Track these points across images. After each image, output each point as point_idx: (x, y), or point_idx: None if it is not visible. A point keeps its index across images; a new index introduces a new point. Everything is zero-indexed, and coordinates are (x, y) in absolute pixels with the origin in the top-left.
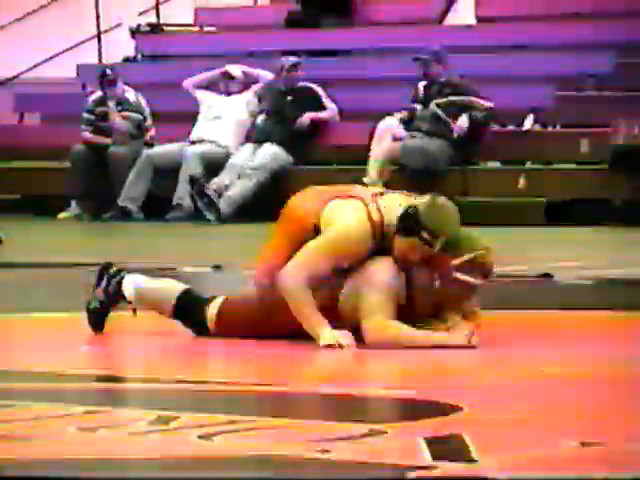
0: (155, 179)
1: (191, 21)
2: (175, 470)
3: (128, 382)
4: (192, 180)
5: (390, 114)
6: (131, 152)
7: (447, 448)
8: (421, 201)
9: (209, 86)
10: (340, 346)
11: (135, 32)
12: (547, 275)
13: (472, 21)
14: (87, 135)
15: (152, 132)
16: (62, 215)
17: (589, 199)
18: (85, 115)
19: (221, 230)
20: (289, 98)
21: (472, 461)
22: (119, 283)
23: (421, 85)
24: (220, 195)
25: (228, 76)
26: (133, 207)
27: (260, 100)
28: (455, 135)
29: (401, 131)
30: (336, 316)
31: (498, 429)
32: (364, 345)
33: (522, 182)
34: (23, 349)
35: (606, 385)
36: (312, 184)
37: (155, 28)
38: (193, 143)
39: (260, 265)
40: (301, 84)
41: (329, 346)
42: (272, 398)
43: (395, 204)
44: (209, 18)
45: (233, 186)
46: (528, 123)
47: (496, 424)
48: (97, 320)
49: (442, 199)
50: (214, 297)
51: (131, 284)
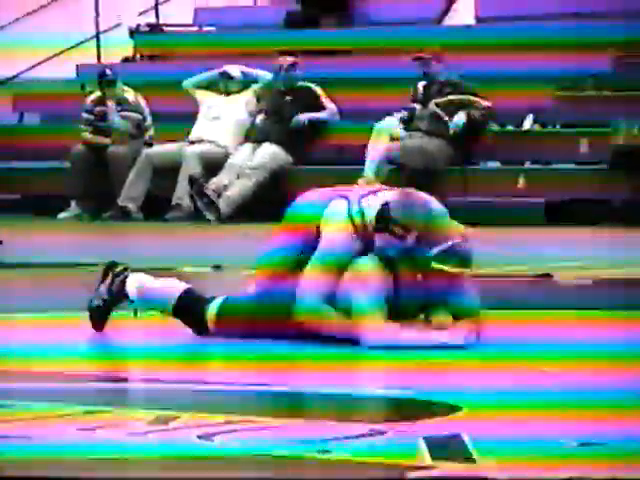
0: (154, 179)
1: (190, 21)
2: (175, 470)
3: (127, 382)
4: (191, 180)
5: (390, 114)
6: (130, 152)
7: (446, 448)
8: (393, 197)
9: (208, 86)
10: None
11: (134, 32)
12: (546, 275)
13: (471, 21)
14: (86, 135)
15: (151, 132)
16: (62, 215)
17: (588, 199)
18: (84, 115)
19: (220, 230)
20: (288, 98)
21: (471, 461)
22: (123, 282)
23: (420, 85)
24: (219, 195)
25: (227, 76)
26: (133, 207)
27: (259, 100)
28: (451, 131)
29: (399, 131)
30: None
31: (497, 429)
32: (362, 345)
33: (521, 182)
34: (23, 349)
35: (606, 385)
36: (311, 184)
37: (154, 28)
38: (192, 143)
39: (264, 271)
40: (300, 84)
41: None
42: (272, 398)
43: (379, 202)
44: (208, 18)
45: (232, 186)
46: (527, 123)
47: (495, 424)
48: (99, 318)
49: (412, 192)
50: (214, 297)
51: (134, 283)
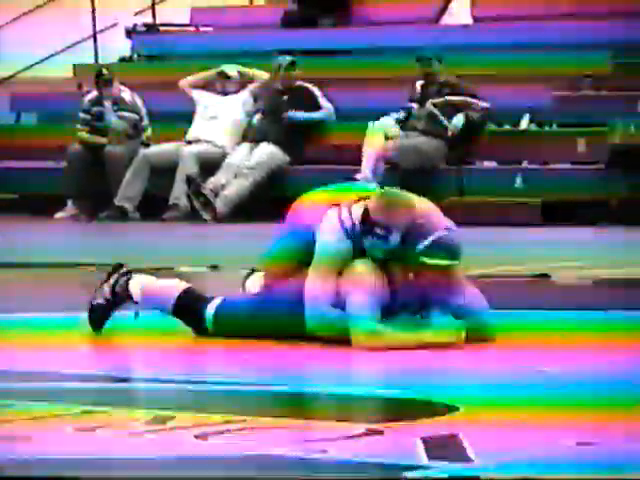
0: (151, 179)
1: (187, 21)
2: (172, 470)
3: (126, 382)
4: (189, 179)
5: (387, 114)
6: (127, 152)
7: (444, 448)
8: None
9: (205, 86)
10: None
11: (131, 32)
12: (544, 275)
13: (468, 21)
14: (83, 135)
15: (148, 132)
16: (58, 215)
17: (586, 199)
18: (81, 115)
19: (218, 230)
20: (285, 98)
21: (469, 461)
22: (126, 283)
23: (418, 84)
24: (216, 195)
25: (224, 76)
26: (130, 207)
27: (256, 100)
28: (449, 133)
29: (394, 130)
30: None
31: (495, 429)
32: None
33: (519, 182)
34: (23, 349)
35: (605, 385)
36: (309, 184)
37: (151, 28)
38: (189, 143)
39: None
40: (297, 84)
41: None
42: (271, 398)
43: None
44: (205, 18)
45: (229, 185)
46: (524, 123)
47: (493, 424)
48: (99, 317)
49: (390, 191)
50: (214, 297)
51: (138, 284)
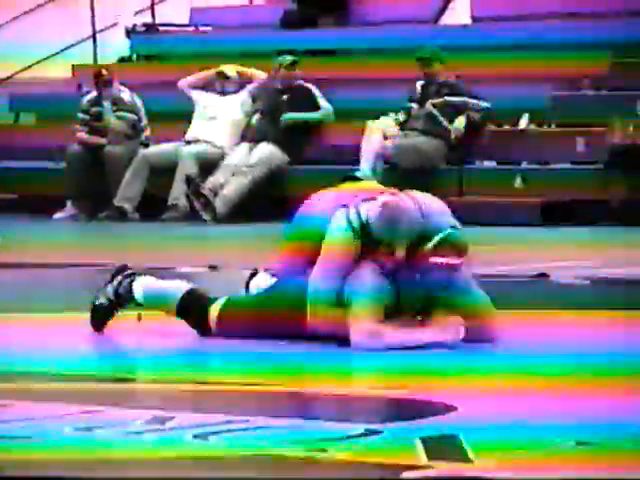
0: (151, 179)
1: (187, 21)
2: (172, 470)
3: (126, 382)
4: (188, 179)
5: (385, 114)
6: (127, 152)
7: (443, 448)
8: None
9: (204, 86)
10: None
11: (131, 32)
12: (543, 275)
13: (467, 20)
14: (82, 135)
15: (147, 132)
16: (57, 215)
17: (586, 199)
18: (80, 115)
19: (217, 230)
20: (285, 97)
21: (468, 461)
22: (130, 285)
23: (418, 84)
24: (215, 194)
25: (223, 76)
26: (129, 207)
27: (254, 100)
28: (453, 136)
29: (394, 129)
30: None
31: (494, 429)
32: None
33: (518, 182)
34: (23, 349)
35: (605, 385)
36: (309, 184)
37: (151, 28)
38: (188, 143)
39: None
40: (297, 83)
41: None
42: (271, 398)
43: (375, 209)
44: (205, 18)
45: (228, 185)
46: (523, 122)
47: (492, 424)
48: (100, 317)
49: (390, 204)
50: (217, 297)
51: (141, 286)
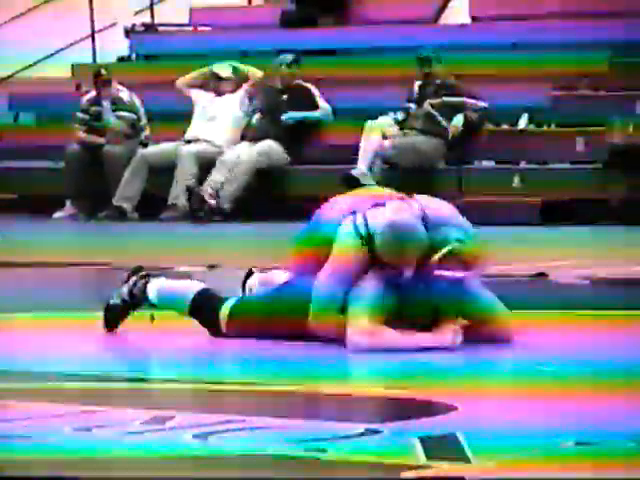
0: (150, 179)
1: (186, 21)
2: (172, 470)
3: (126, 382)
4: (189, 191)
5: (384, 114)
6: (126, 151)
7: (442, 447)
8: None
9: (203, 85)
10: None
11: (130, 32)
12: (542, 274)
13: (467, 20)
14: (81, 135)
15: (146, 131)
16: (57, 215)
17: (585, 198)
18: (80, 115)
19: (217, 230)
20: (284, 97)
21: (467, 461)
22: (144, 286)
23: (417, 84)
24: (217, 194)
25: (216, 77)
26: (128, 207)
27: (251, 99)
28: (450, 135)
29: (393, 129)
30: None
31: (493, 429)
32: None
33: (517, 181)
34: (23, 349)
35: (605, 385)
36: (309, 184)
37: (150, 28)
38: (188, 142)
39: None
40: (296, 83)
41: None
42: (271, 398)
43: (381, 217)
44: (204, 18)
45: (229, 181)
46: (523, 122)
47: (491, 424)
48: (114, 317)
49: (395, 225)
50: (228, 297)
51: (155, 287)
